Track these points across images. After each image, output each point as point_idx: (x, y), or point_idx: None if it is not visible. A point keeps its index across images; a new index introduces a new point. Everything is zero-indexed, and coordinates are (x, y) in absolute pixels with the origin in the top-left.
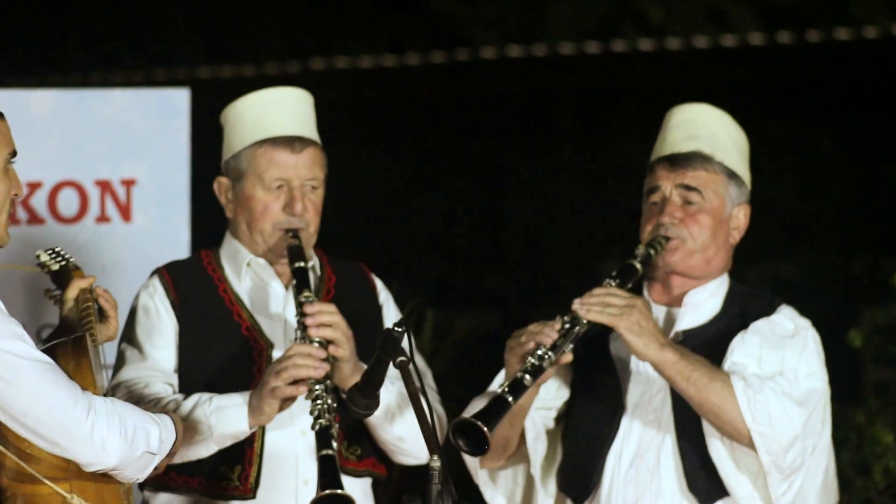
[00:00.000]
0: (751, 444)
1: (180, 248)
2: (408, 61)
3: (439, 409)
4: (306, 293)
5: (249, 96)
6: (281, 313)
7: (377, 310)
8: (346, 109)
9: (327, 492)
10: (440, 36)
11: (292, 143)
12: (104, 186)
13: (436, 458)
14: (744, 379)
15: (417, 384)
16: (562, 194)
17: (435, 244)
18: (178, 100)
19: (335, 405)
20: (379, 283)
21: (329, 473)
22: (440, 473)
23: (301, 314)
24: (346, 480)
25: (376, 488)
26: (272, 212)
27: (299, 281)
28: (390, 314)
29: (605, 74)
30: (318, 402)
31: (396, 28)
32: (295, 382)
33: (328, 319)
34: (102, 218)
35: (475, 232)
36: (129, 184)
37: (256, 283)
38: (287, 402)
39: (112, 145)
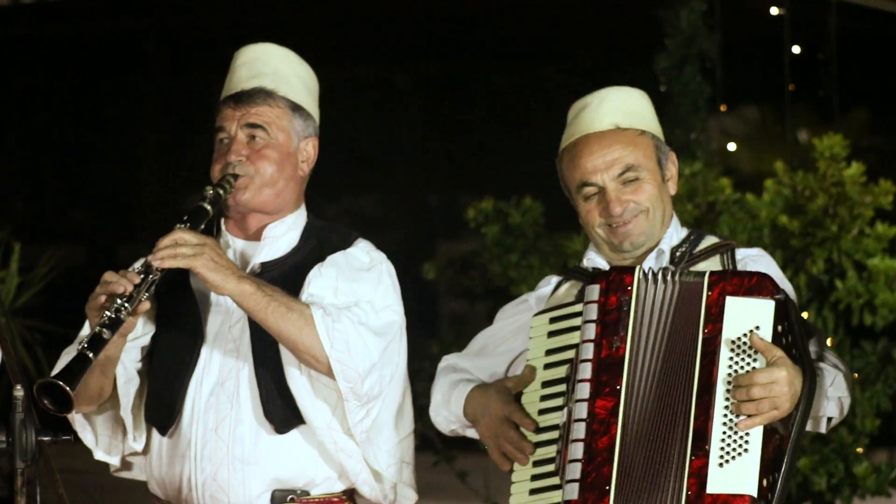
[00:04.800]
0: (329, 372)
1: None
2: None
3: None
4: None
5: None
6: None
7: None
8: None
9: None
10: None
11: None
12: None
13: (19, 387)
14: (322, 308)
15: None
16: (146, 132)
17: (21, 178)
18: None
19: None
20: None
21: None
22: (23, 402)
23: None
24: None
25: None
26: None
27: None
28: None
29: (188, 15)
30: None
31: None
32: None
33: None
34: None
35: (62, 166)
36: None
37: None
38: None
39: None
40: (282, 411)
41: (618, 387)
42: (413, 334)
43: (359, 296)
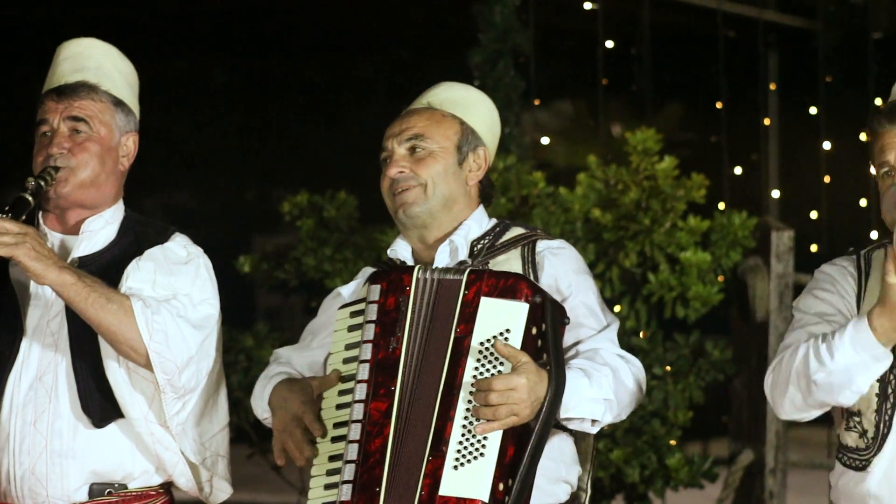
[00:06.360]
0: (148, 364)
1: None
2: None
3: None
4: None
5: None
6: None
7: None
8: None
9: None
10: None
11: None
12: None
13: None
14: (142, 300)
15: None
16: None
17: None
18: None
19: None
20: None
21: None
22: None
23: None
24: None
25: None
26: None
27: None
28: None
29: (7, 8)
30: None
31: None
32: None
33: None
34: None
35: None
36: None
37: None
38: None
39: None
40: (100, 405)
41: (392, 388)
42: (228, 327)
43: (176, 289)
